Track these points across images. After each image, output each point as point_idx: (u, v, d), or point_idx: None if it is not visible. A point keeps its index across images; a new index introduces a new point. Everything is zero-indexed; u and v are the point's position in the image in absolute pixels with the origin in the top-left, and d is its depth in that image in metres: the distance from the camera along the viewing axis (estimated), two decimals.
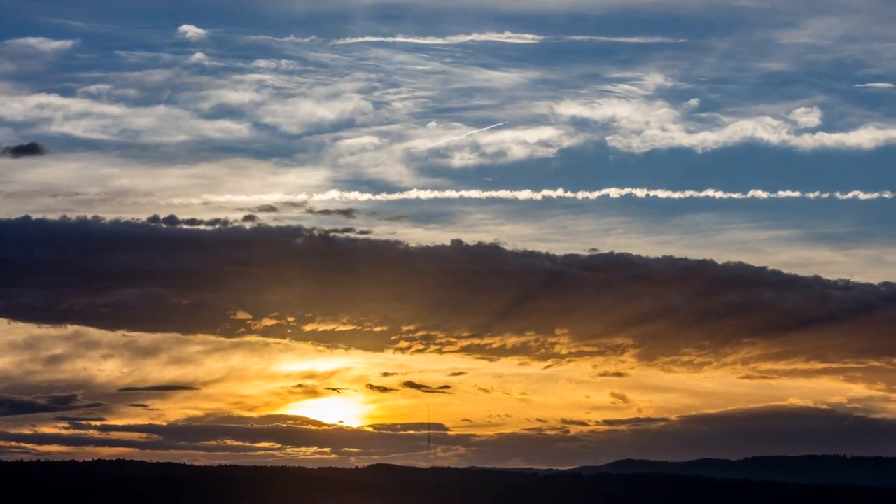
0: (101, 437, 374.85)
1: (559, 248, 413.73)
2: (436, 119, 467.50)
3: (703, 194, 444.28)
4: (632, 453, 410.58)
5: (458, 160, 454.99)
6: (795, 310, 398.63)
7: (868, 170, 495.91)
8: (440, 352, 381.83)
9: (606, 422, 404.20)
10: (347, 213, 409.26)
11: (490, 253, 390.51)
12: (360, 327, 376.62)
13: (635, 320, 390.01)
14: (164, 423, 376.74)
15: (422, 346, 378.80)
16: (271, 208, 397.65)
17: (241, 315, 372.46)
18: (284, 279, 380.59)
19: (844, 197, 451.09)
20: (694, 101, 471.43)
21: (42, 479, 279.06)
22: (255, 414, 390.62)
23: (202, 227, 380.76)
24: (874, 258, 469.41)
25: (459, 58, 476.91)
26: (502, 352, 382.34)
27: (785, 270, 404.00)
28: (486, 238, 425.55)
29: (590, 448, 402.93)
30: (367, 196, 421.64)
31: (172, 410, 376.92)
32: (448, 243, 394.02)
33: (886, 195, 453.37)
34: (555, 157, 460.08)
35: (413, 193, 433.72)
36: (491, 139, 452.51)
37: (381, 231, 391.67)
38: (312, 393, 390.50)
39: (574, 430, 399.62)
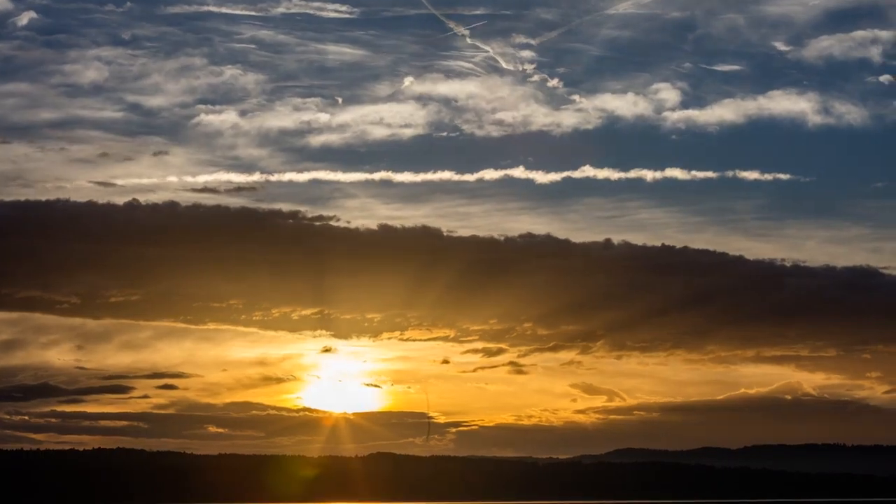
0: (90, 426, 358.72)
1: (479, 232, 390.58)
2: (287, 96, 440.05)
3: (581, 175, 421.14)
4: (631, 442, 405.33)
5: (319, 140, 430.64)
6: (753, 295, 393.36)
7: (750, 148, 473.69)
8: (410, 339, 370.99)
9: (578, 411, 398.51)
10: (264, 197, 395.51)
11: (429, 237, 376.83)
12: (328, 314, 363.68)
13: (601, 308, 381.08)
14: (142, 411, 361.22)
15: (393, 335, 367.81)
16: (176, 189, 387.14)
17: (208, 302, 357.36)
18: (244, 264, 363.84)
19: (741, 177, 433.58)
20: (546, 77, 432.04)
21: (44, 470, 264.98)
22: (226, 401, 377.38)
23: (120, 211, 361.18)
24: (794, 245, 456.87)
25: (287, 30, 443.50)
26: (473, 339, 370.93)
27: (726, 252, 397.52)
28: (405, 222, 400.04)
29: (566, 437, 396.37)
30: (243, 177, 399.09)
31: (146, 398, 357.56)
32: (374, 227, 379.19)
33: (783, 177, 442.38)
34: (414, 139, 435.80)
35: (286, 176, 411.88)
36: (347, 118, 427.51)
37: (309, 213, 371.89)
38: (283, 380, 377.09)
39: (551, 419, 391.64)
